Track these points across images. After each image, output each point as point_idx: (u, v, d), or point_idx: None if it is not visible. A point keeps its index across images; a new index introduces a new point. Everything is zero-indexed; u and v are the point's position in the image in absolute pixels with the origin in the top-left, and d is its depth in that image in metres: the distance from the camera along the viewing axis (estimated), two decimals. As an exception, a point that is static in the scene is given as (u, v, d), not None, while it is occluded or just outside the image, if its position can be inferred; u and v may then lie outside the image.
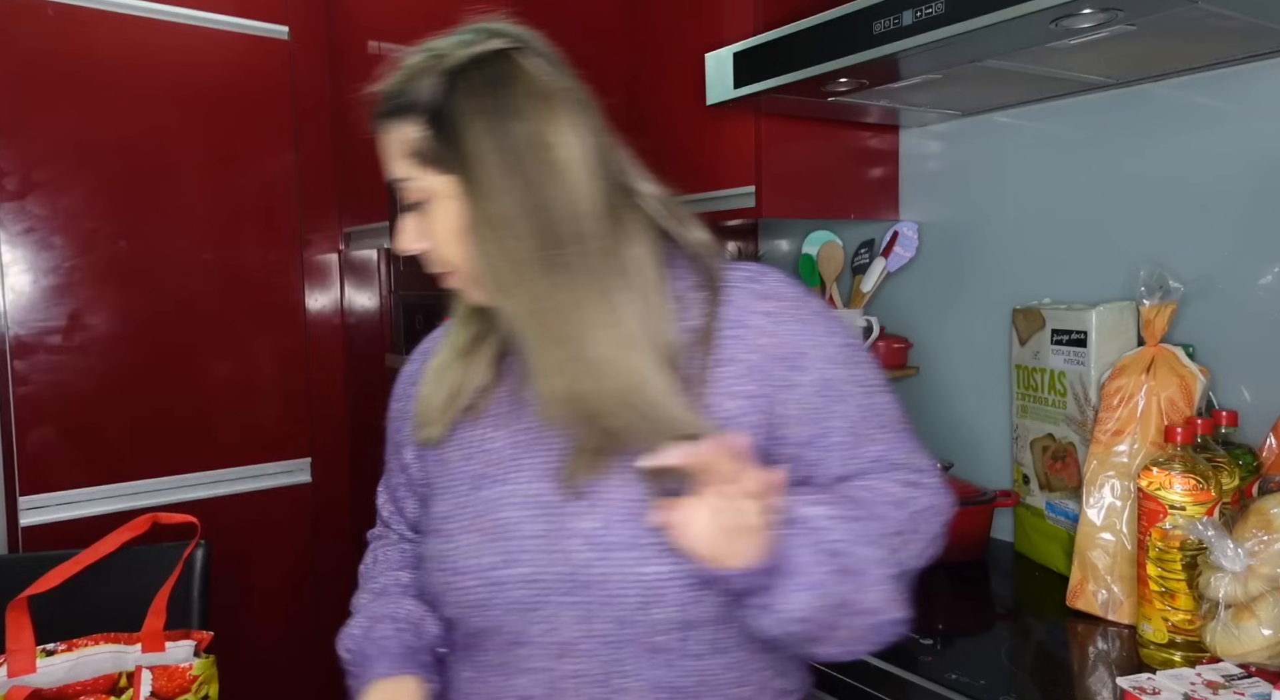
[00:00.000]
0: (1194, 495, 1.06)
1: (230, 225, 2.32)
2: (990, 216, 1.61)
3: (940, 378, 1.72)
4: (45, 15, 2.05)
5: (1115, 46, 1.12)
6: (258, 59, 2.36)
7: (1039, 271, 1.53)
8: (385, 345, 2.44)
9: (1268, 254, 1.25)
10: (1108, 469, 1.23)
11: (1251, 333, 1.28)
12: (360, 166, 2.47)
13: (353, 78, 2.44)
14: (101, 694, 1.21)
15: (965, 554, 1.49)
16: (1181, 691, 0.93)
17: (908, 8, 1.10)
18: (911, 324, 1.76)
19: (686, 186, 1.75)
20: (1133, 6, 0.96)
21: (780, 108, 1.54)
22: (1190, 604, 1.06)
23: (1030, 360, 1.44)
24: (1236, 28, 1.06)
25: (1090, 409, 1.32)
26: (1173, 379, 1.20)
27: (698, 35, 1.66)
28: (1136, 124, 1.39)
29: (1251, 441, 1.23)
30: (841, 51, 1.21)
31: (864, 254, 1.73)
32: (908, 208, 1.76)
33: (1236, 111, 1.27)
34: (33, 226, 2.03)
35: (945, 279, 1.70)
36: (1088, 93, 1.43)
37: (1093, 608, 1.23)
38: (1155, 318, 1.23)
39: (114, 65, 2.11)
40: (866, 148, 1.72)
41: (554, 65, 0.86)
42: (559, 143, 0.81)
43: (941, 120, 1.66)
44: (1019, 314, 1.47)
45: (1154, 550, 1.09)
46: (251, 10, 2.35)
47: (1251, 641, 0.96)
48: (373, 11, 2.29)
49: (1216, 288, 1.31)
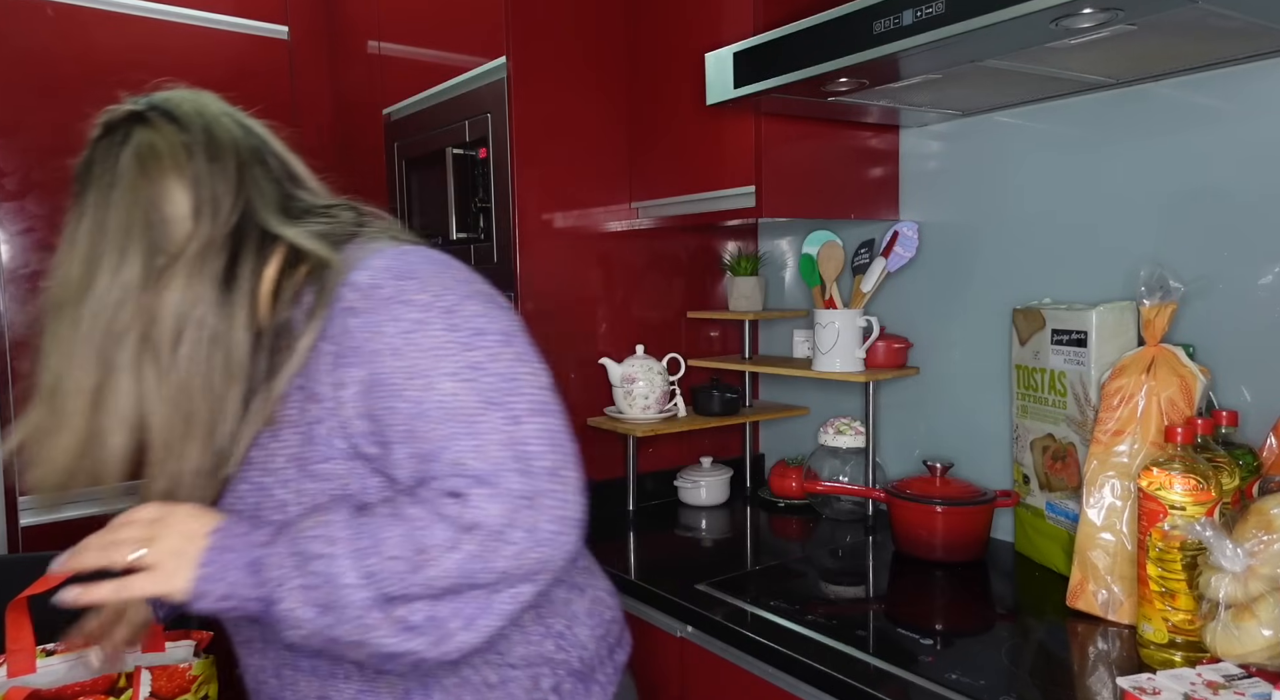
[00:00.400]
0: (1194, 495, 1.06)
1: (230, 225, 2.31)
2: (990, 216, 1.61)
3: (940, 378, 1.72)
4: (45, 15, 2.05)
5: (1115, 46, 1.12)
6: (258, 59, 2.36)
7: (1039, 271, 1.53)
8: (385, 345, 2.44)
9: (1268, 254, 1.25)
10: (1108, 469, 1.23)
11: (1251, 333, 1.28)
12: (360, 167, 2.47)
13: (353, 78, 2.44)
14: (100, 694, 1.20)
15: (965, 554, 1.49)
16: (1181, 691, 0.93)
17: (908, 8, 1.10)
18: (911, 324, 1.76)
19: (687, 186, 1.76)
20: (1133, 6, 0.96)
21: (780, 108, 1.54)
22: (1190, 604, 1.06)
23: (1030, 360, 1.44)
24: (1236, 28, 1.06)
25: (1090, 409, 1.32)
26: (1173, 379, 1.20)
27: (698, 35, 1.66)
28: (1136, 124, 1.39)
29: (1251, 441, 1.23)
30: (841, 51, 1.21)
31: (864, 254, 1.73)
32: (908, 208, 1.76)
33: (1236, 111, 1.27)
34: (32, 226, 2.03)
35: (945, 279, 1.70)
36: (1088, 93, 1.43)
37: (1093, 608, 1.23)
38: (1155, 318, 1.23)
39: (114, 65, 2.11)
40: (866, 148, 1.72)
41: (178, 122, 0.89)
42: (158, 204, 0.84)
43: (941, 120, 1.66)
44: (1019, 314, 1.47)
45: (1154, 550, 1.09)
46: (251, 10, 2.35)
47: (1252, 642, 0.96)
48: (373, 11, 2.29)
49: (1216, 288, 1.31)
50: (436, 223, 2.01)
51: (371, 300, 0.81)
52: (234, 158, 0.89)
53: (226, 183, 0.87)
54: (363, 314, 0.81)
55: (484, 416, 0.78)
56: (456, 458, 0.78)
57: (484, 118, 1.82)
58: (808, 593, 1.41)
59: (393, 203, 2.21)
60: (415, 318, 0.80)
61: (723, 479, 1.93)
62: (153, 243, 0.83)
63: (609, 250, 1.89)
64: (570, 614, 0.96)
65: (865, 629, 1.23)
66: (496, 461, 0.77)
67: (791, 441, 2.05)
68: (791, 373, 1.78)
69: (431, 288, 0.82)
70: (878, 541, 1.64)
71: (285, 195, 0.92)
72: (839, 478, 1.76)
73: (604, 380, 1.86)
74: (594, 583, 1.03)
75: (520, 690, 0.91)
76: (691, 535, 1.79)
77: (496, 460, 0.77)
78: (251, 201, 0.88)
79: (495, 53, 1.77)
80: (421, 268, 0.84)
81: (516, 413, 0.79)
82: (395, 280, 0.82)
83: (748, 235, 2.08)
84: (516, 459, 0.78)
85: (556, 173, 1.81)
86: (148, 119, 0.88)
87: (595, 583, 1.03)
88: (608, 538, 1.73)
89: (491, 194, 1.82)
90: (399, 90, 2.17)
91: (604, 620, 1.01)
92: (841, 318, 1.68)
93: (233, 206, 0.86)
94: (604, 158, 1.87)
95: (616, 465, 1.91)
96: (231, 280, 0.84)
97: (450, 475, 0.78)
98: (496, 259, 1.83)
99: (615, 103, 1.87)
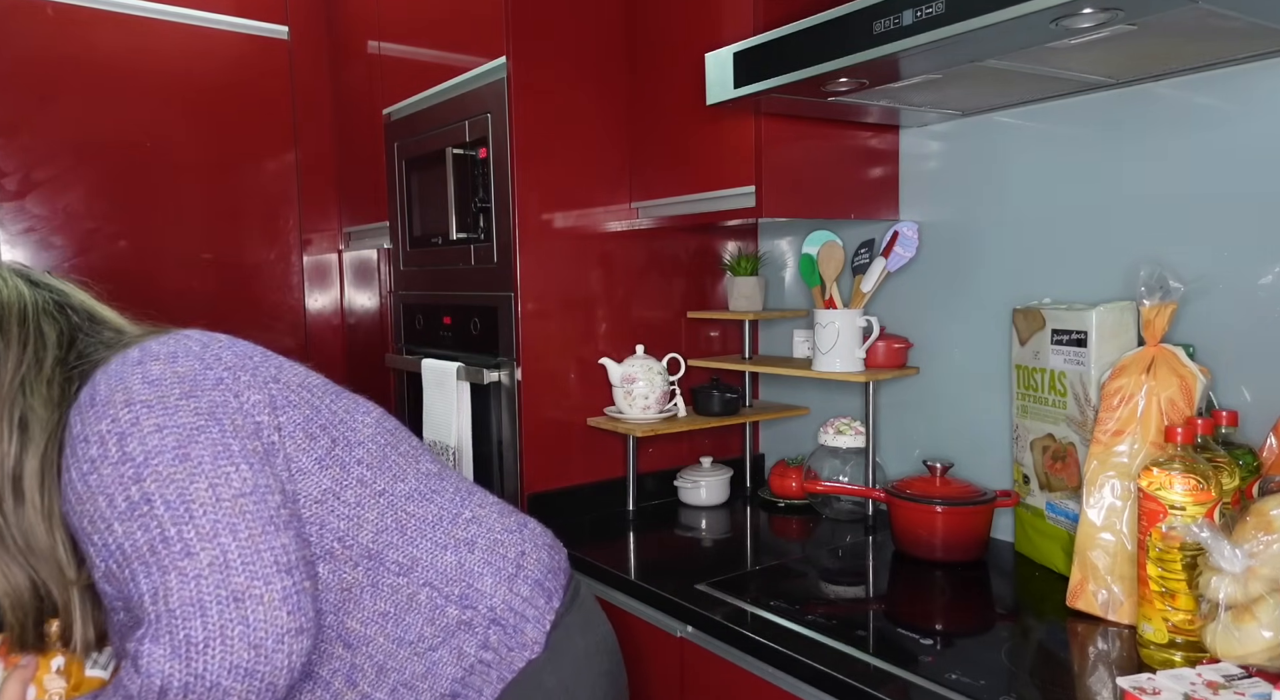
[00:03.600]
0: (1194, 495, 1.06)
1: (230, 225, 2.32)
2: (990, 216, 1.61)
3: (940, 378, 1.72)
4: (45, 15, 2.05)
5: (1115, 46, 1.12)
6: (258, 59, 2.36)
7: (1039, 271, 1.53)
8: (385, 345, 2.44)
9: (1268, 254, 1.25)
10: (1108, 469, 1.23)
11: (1251, 333, 1.28)
12: (360, 166, 2.47)
13: (352, 78, 2.44)
14: None
15: (965, 554, 1.49)
16: (1181, 691, 0.93)
17: (908, 8, 1.10)
18: (911, 324, 1.76)
19: (687, 186, 1.76)
20: (1133, 6, 0.96)
21: (780, 108, 1.54)
22: (1190, 604, 1.06)
23: (1030, 360, 1.44)
24: (1236, 28, 1.06)
25: (1090, 409, 1.32)
26: (1173, 379, 1.20)
27: (698, 35, 1.66)
28: (1136, 124, 1.39)
29: (1251, 441, 1.23)
30: (841, 51, 1.21)
31: (864, 254, 1.73)
32: (908, 208, 1.76)
33: (1237, 111, 1.27)
34: (33, 226, 2.04)
35: (945, 279, 1.70)
36: (1088, 93, 1.43)
37: (1093, 608, 1.23)
38: (1155, 318, 1.23)
39: (114, 65, 2.11)
40: (866, 148, 1.72)
41: None
42: None
43: (941, 120, 1.66)
44: (1019, 314, 1.47)
45: (1154, 550, 1.09)
46: (251, 10, 2.35)
47: (1252, 643, 0.96)
48: (373, 11, 2.29)
49: (1216, 288, 1.31)
50: (436, 223, 2.01)
51: (70, 440, 0.82)
52: (18, 325, 0.91)
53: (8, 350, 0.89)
54: (66, 456, 0.82)
55: (155, 555, 0.75)
56: (139, 601, 0.75)
57: (484, 118, 1.82)
58: (808, 593, 1.41)
59: (393, 203, 2.21)
60: (92, 456, 0.79)
61: (723, 479, 1.93)
62: None
63: (609, 250, 1.89)
64: (466, 572, 0.96)
65: (865, 629, 1.23)
66: (175, 606, 0.74)
67: (791, 441, 2.05)
68: (791, 373, 1.78)
69: (112, 409, 0.81)
70: (878, 541, 1.64)
71: (71, 342, 0.94)
72: (839, 478, 1.76)
73: (604, 380, 1.86)
74: (485, 530, 1.02)
75: (450, 667, 0.92)
76: (691, 535, 1.79)
77: (175, 605, 0.74)
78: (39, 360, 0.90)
79: (495, 53, 1.77)
80: (104, 385, 0.83)
81: (188, 543, 0.76)
82: (86, 408, 0.82)
83: (748, 235, 2.08)
84: (193, 603, 0.74)
85: (556, 173, 1.81)
86: None
87: (488, 528, 1.02)
88: (608, 538, 1.73)
89: (491, 194, 1.82)
90: (399, 90, 2.17)
91: (510, 559, 1.01)
92: (841, 318, 1.68)
93: (14, 369, 0.88)
94: (604, 158, 1.87)
95: (616, 465, 1.91)
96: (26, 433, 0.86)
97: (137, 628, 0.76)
98: (496, 259, 1.83)
99: (615, 103, 1.87)
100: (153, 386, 0.83)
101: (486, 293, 1.86)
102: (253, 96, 2.32)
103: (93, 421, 0.80)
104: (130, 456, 0.78)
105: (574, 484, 1.86)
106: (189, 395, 0.83)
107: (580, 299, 1.86)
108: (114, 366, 0.85)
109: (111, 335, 0.96)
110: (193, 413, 0.82)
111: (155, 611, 0.74)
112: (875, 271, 1.70)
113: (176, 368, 0.85)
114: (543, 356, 1.81)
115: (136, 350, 0.87)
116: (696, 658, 1.34)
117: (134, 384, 0.82)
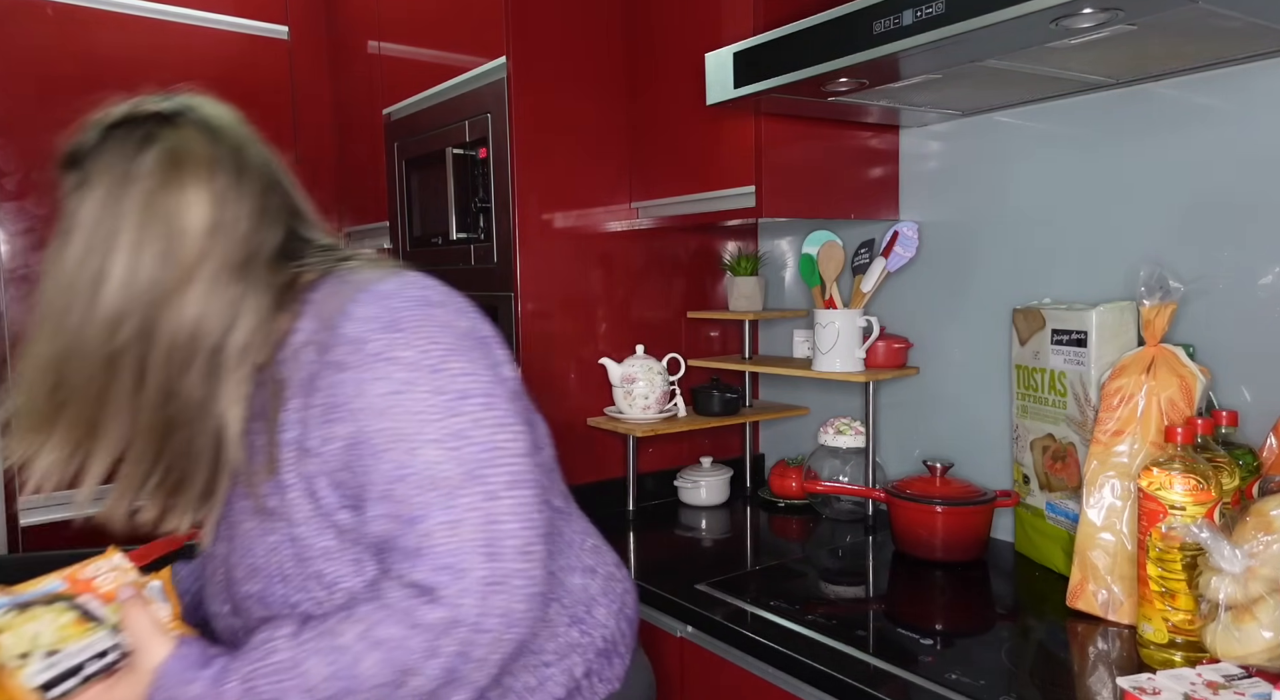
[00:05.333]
0: (1194, 495, 1.06)
1: (230, 225, 2.31)
2: (990, 216, 1.61)
3: (940, 378, 1.72)
4: (45, 15, 2.05)
5: (1115, 46, 1.12)
6: (258, 59, 2.36)
7: (1039, 271, 1.53)
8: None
9: (1268, 254, 1.25)
10: (1108, 469, 1.23)
11: (1251, 333, 1.28)
12: (360, 166, 2.47)
13: (353, 78, 2.44)
14: None
15: (965, 554, 1.49)
16: (1181, 691, 0.93)
17: (908, 8, 1.10)
18: (911, 324, 1.76)
19: (686, 187, 1.76)
20: (1133, 6, 0.96)
21: (780, 108, 1.54)
22: (1190, 604, 1.06)
23: (1030, 360, 1.44)
24: (1236, 28, 1.06)
25: (1090, 409, 1.32)
26: (1173, 379, 1.20)
27: (698, 35, 1.66)
28: (1136, 124, 1.39)
29: (1251, 441, 1.23)
30: (841, 51, 1.21)
31: (864, 254, 1.73)
32: (908, 208, 1.76)
33: (1236, 111, 1.27)
34: (32, 226, 2.03)
35: (945, 279, 1.70)
36: (1088, 93, 1.43)
37: (1093, 608, 1.23)
38: (1155, 318, 1.23)
39: (114, 65, 2.11)
40: (866, 148, 1.72)
41: (211, 133, 0.87)
42: (178, 213, 0.82)
43: (941, 120, 1.66)
44: (1019, 314, 1.47)
45: (1154, 550, 1.09)
46: (251, 10, 2.35)
47: (1252, 644, 0.96)
48: (373, 11, 2.29)
49: (1216, 288, 1.31)
50: (436, 223, 2.01)
51: (359, 354, 0.80)
52: (259, 182, 0.87)
53: (247, 207, 0.85)
54: (350, 369, 0.80)
55: (463, 490, 0.77)
56: (429, 530, 0.77)
57: (484, 118, 1.82)
58: (808, 593, 1.41)
59: (393, 203, 2.21)
60: (401, 378, 0.79)
61: (723, 479, 1.93)
62: (167, 252, 0.81)
63: (609, 250, 1.89)
64: (588, 598, 0.99)
65: (865, 629, 1.23)
66: (467, 543, 0.76)
67: (791, 441, 2.05)
68: (791, 373, 1.78)
69: (417, 343, 0.81)
70: (878, 541, 1.64)
71: (289, 231, 0.90)
72: (839, 478, 1.76)
73: (604, 380, 1.86)
74: (604, 560, 1.05)
75: (558, 686, 0.93)
76: (691, 535, 1.79)
77: (467, 542, 0.76)
78: (264, 231, 0.86)
79: (495, 53, 1.77)
80: (407, 316, 0.82)
81: (494, 487, 0.78)
82: (382, 333, 0.80)
83: (748, 235, 2.08)
84: (487, 542, 0.77)
85: (556, 173, 1.81)
86: (177, 123, 0.86)
87: (606, 559, 1.06)
88: (608, 538, 1.72)
89: (491, 194, 1.82)
90: (399, 90, 2.17)
91: (617, 594, 1.04)
92: (841, 318, 1.68)
93: (249, 232, 0.84)
94: (604, 158, 1.87)
95: (616, 465, 1.91)
96: (240, 309, 0.83)
97: (416, 556, 0.77)
98: (496, 259, 1.83)
99: (615, 103, 1.87)
100: (454, 330, 0.83)
101: (486, 293, 1.86)
102: (253, 97, 2.31)
103: (400, 345, 0.80)
104: (443, 389, 0.80)
105: (574, 484, 1.85)
106: (485, 354, 0.85)
107: (580, 299, 1.86)
108: (397, 300, 0.83)
109: (328, 242, 0.93)
110: (491, 374, 0.84)
111: (447, 550, 0.76)
112: (875, 271, 1.70)
113: (462, 322, 0.85)
114: (543, 356, 1.81)
115: (416, 288, 0.85)
116: (696, 658, 1.34)
117: (435, 321, 0.83)
